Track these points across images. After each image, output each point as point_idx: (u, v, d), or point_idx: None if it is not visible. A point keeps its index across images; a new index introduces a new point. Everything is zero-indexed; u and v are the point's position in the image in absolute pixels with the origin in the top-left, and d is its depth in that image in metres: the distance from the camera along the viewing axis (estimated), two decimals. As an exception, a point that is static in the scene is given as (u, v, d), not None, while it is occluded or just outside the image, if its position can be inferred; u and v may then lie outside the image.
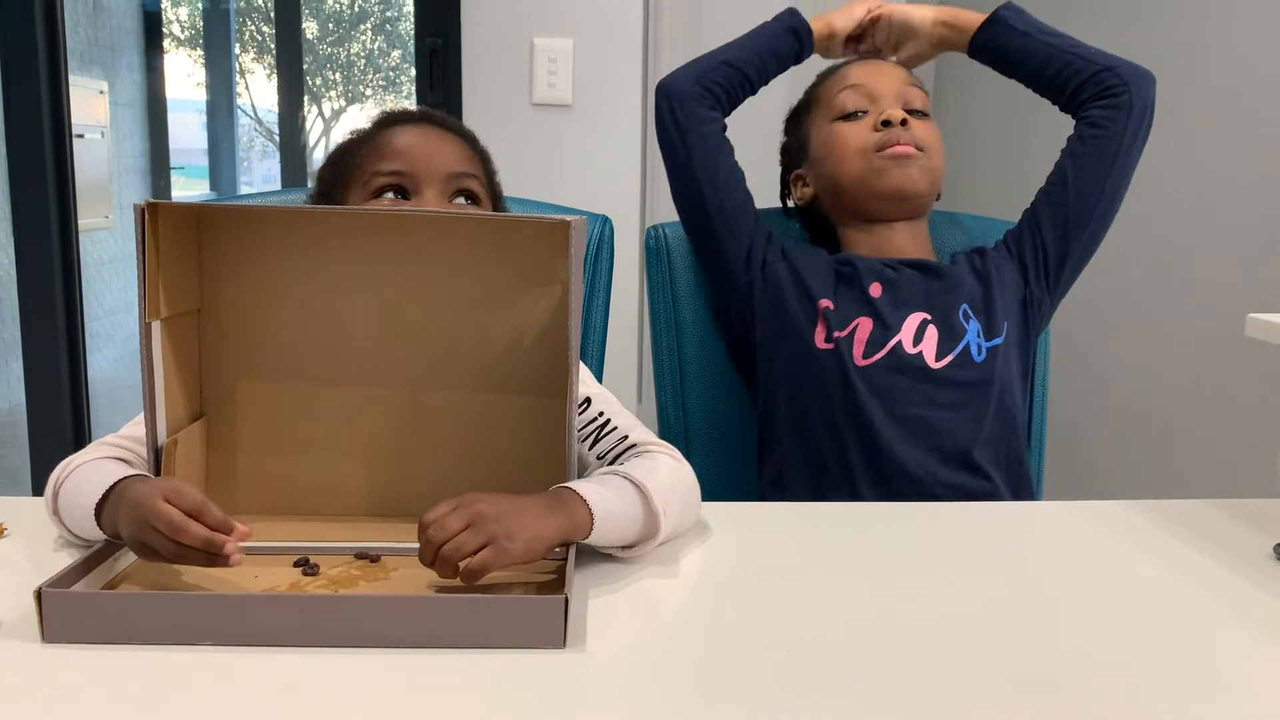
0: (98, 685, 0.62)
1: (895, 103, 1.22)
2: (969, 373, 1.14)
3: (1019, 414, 1.18)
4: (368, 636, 0.66)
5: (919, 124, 1.22)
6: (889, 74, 1.25)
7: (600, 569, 0.81)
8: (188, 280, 0.86)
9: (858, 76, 1.25)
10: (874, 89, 1.23)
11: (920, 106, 1.23)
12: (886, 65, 1.27)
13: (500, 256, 0.89)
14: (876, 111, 1.22)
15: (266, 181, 7.32)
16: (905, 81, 1.25)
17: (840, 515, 1.01)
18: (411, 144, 0.98)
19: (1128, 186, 1.22)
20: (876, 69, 1.26)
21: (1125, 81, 1.20)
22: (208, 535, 0.69)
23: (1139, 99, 1.20)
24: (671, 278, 1.33)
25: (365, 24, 7.54)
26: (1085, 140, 1.21)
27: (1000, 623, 0.74)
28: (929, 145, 1.22)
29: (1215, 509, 0.99)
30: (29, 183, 2.25)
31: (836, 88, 1.26)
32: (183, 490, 0.71)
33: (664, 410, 1.33)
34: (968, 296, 1.17)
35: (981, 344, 1.16)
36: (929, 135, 1.22)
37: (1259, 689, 0.65)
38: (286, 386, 0.89)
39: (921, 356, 1.14)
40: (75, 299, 2.34)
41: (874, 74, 1.25)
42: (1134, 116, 1.20)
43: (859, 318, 1.16)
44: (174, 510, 0.69)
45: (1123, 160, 1.20)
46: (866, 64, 1.27)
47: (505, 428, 0.89)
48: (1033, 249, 1.22)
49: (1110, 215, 1.23)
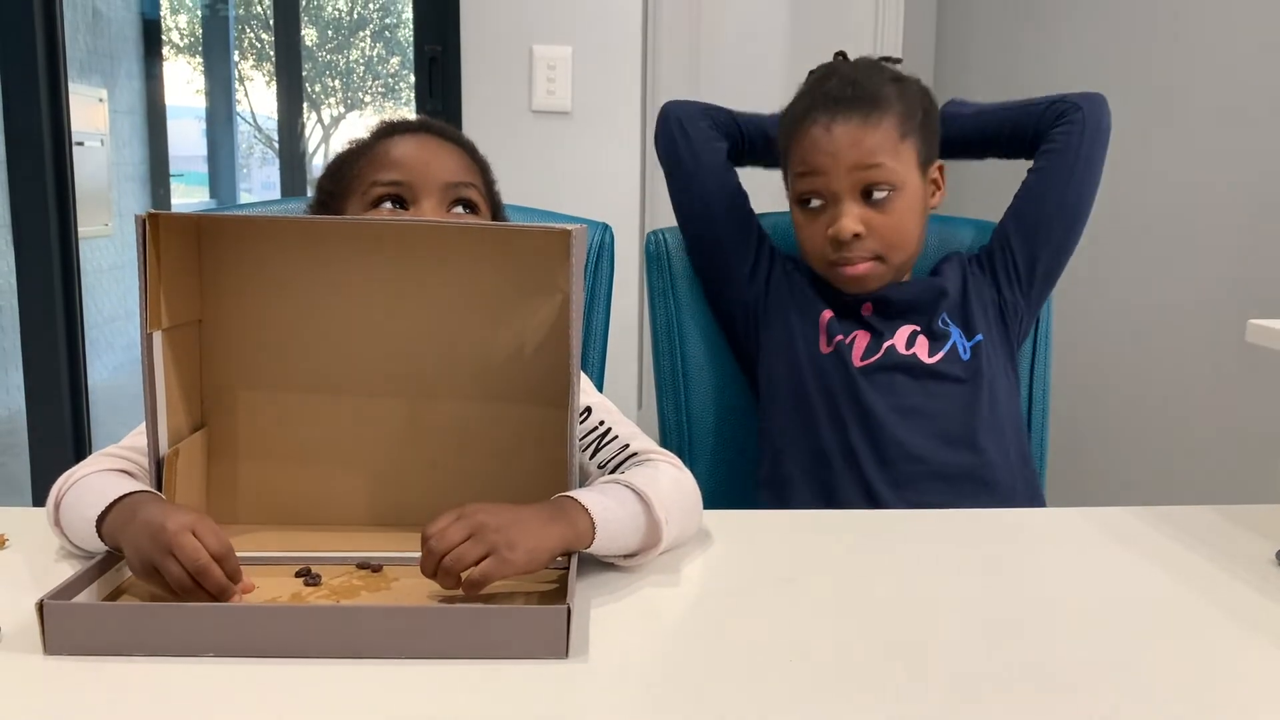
0: (100, 697, 0.62)
1: (851, 196, 1.15)
2: (959, 368, 1.18)
3: (1014, 405, 1.22)
4: (370, 647, 0.66)
5: (877, 218, 1.15)
6: (843, 156, 1.15)
7: (602, 578, 0.81)
8: (189, 290, 0.86)
9: (811, 161, 1.16)
10: (828, 180, 1.15)
11: (882, 181, 1.15)
12: (844, 137, 1.15)
13: (501, 266, 0.89)
14: (830, 210, 1.16)
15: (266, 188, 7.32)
16: (863, 162, 1.15)
17: (843, 522, 1.01)
18: (410, 154, 0.98)
19: (1091, 200, 1.25)
20: (829, 144, 1.15)
21: (1075, 103, 1.24)
22: (224, 583, 0.70)
23: (1090, 115, 1.23)
24: (672, 283, 1.33)
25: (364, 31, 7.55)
26: (1045, 156, 1.25)
27: (1004, 629, 0.74)
28: (888, 244, 1.17)
29: (1217, 515, 0.99)
30: (29, 190, 2.25)
31: (796, 162, 1.19)
32: (212, 530, 0.71)
33: (665, 417, 1.33)
34: (948, 307, 1.22)
35: (965, 344, 1.20)
36: (888, 229, 1.16)
37: (1262, 695, 0.65)
38: (287, 396, 0.89)
39: (915, 356, 1.18)
40: (75, 307, 2.33)
41: (826, 156, 1.15)
42: (1088, 131, 1.23)
43: (856, 330, 1.20)
44: (201, 550, 0.70)
45: (1080, 174, 1.23)
46: (821, 143, 1.15)
47: (506, 437, 0.89)
48: (1003, 262, 1.25)
49: (1075, 228, 1.25)
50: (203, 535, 0.70)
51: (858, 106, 1.16)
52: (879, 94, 1.17)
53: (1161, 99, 1.85)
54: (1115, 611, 0.77)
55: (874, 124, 1.15)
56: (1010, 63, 2.34)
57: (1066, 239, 1.25)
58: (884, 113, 1.16)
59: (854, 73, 1.20)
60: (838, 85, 1.18)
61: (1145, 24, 1.92)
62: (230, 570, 0.71)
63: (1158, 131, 1.86)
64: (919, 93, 1.22)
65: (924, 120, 1.20)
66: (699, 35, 2.52)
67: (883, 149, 1.15)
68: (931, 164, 1.23)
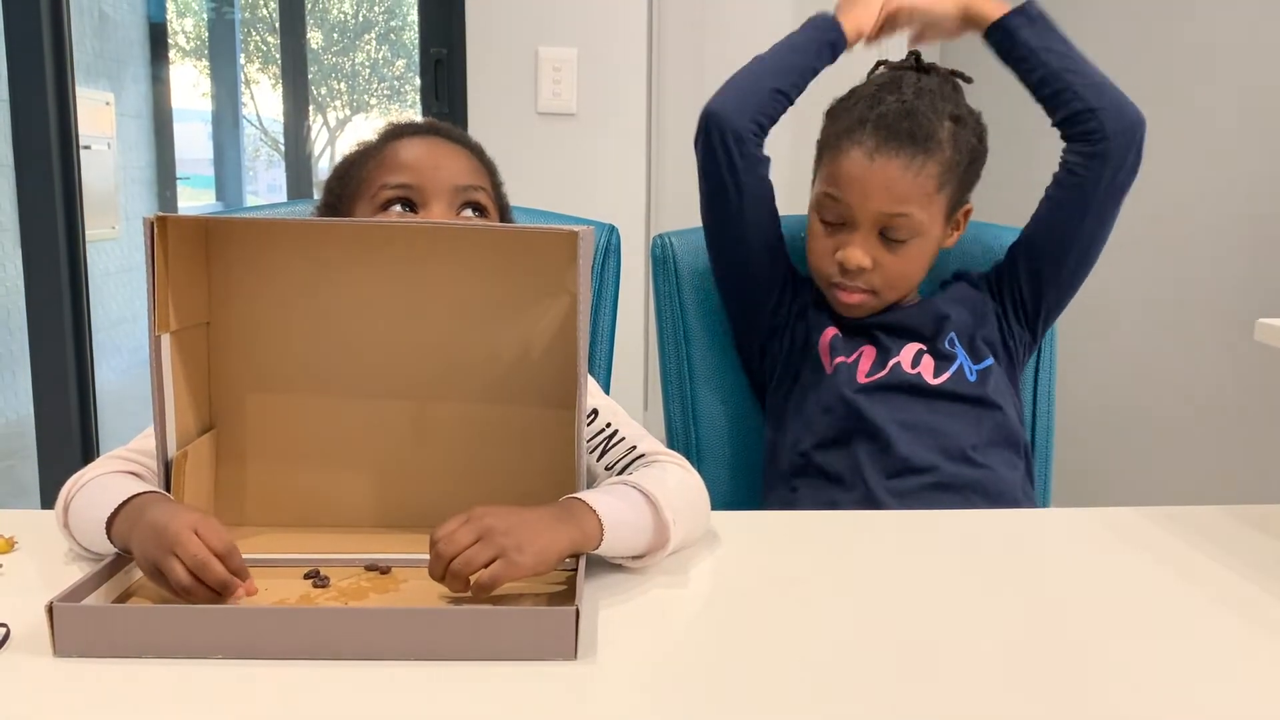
0: (109, 699, 0.62)
1: (869, 229, 1.13)
2: (965, 388, 1.17)
3: (1018, 425, 1.20)
4: (378, 649, 0.66)
5: (887, 258, 1.14)
6: (873, 195, 1.12)
7: (610, 580, 0.81)
8: (197, 293, 0.86)
9: (842, 186, 1.13)
10: (852, 210, 1.13)
11: (904, 229, 1.13)
12: (880, 175, 1.11)
13: (508, 268, 0.89)
14: (848, 234, 1.14)
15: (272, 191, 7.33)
16: (891, 209, 1.12)
17: (851, 523, 1.00)
18: (418, 157, 0.98)
19: (1108, 232, 1.19)
20: (865, 178, 1.12)
21: (1105, 131, 1.14)
22: (226, 578, 0.70)
23: (1117, 150, 1.14)
24: (678, 285, 1.33)
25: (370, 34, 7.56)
26: (1062, 185, 1.17)
27: (1012, 630, 0.74)
28: (889, 283, 1.16)
29: (1225, 515, 0.99)
30: (37, 194, 2.26)
31: (826, 176, 1.16)
32: (215, 529, 0.72)
33: (671, 419, 1.33)
34: (955, 327, 1.20)
35: (972, 366, 1.18)
36: (894, 270, 1.15)
37: (1272, 696, 0.65)
38: (295, 398, 0.89)
39: (920, 376, 1.17)
40: (83, 310, 2.34)
41: (858, 190, 1.12)
42: (1110, 167, 1.14)
43: (862, 346, 1.19)
44: (202, 546, 0.70)
45: (1098, 208, 1.16)
46: (856, 172, 1.12)
47: (514, 439, 0.89)
48: (1011, 296, 1.22)
49: (1089, 260, 1.20)
50: (205, 534, 0.71)
51: (906, 145, 1.11)
52: (932, 134, 1.12)
53: (1167, 97, 1.85)
54: (1122, 611, 0.77)
55: (915, 170, 1.11)
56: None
57: (1075, 276, 1.20)
58: (929, 158, 1.12)
59: (916, 100, 1.14)
60: (895, 111, 1.13)
61: (1151, 19, 1.92)
62: (234, 568, 0.71)
63: (1163, 130, 1.86)
64: (973, 133, 1.17)
65: (969, 167, 1.17)
66: (704, 36, 2.52)
67: (914, 199, 1.12)
68: (960, 208, 1.19)
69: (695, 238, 1.33)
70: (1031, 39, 1.18)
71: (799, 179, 1.27)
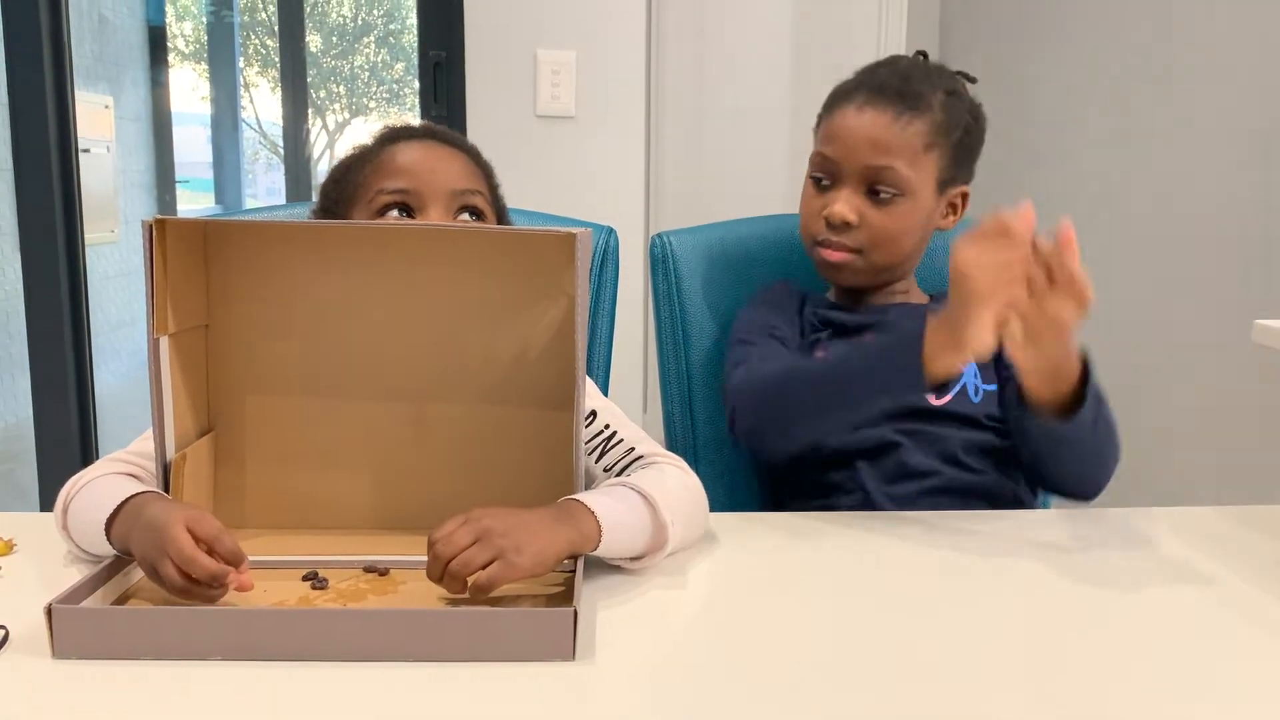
0: (108, 701, 0.62)
1: (855, 184, 1.12)
2: (968, 408, 1.14)
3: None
4: (377, 650, 0.66)
5: (873, 213, 1.12)
6: (860, 145, 1.11)
7: (608, 581, 0.81)
8: (195, 295, 0.86)
9: (831, 141, 1.13)
10: (838, 163, 1.13)
11: (889, 183, 1.11)
12: (868, 126, 1.11)
13: (506, 270, 0.89)
14: (834, 192, 1.13)
15: (271, 194, 7.34)
16: (876, 160, 1.11)
17: (850, 524, 1.00)
18: (415, 161, 0.98)
19: None
20: (853, 130, 1.12)
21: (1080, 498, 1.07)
22: (214, 569, 0.70)
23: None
24: (677, 286, 1.32)
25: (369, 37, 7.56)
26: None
27: (1013, 632, 0.74)
28: (874, 241, 1.13)
29: (1226, 516, 0.99)
30: (36, 197, 2.26)
31: (820, 137, 1.16)
32: (202, 518, 0.71)
33: (670, 420, 1.33)
34: None
35: (979, 385, 1.16)
36: (879, 228, 1.12)
37: (1274, 699, 0.65)
38: (294, 401, 0.90)
39: (922, 397, 1.13)
40: (82, 313, 2.34)
41: (844, 142, 1.12)
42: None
43: None
44: (188, 540, 0.70)
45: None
46: (844, 125, 1.13)
47: (512, 441, 0.90)
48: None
49: None
50: (194, 525, 0.70)
51: (895, 101, 1.12)
52: (923, 96, 1.13)
53: (1166, 98, 1.85)
54: (1122, 613, 0.77)
55: (903, 124, 1.11)
56: (1015, 64, 2.34)
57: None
58: (918, 115, 1.12)
59: (911, 69, 1.16)
60: (887, 74, 1.14)
61: (1150, 22, 1.92)
62: (224, 552, 0.70)
63: (1163, 131, 1.86)
64: (969, 112, 1.17)
65: (961, 139, 1.15)
66: (703, 39, 2.52)
67: (901, 152, 1.12)
68: (954, 186, 1.18)
69: (694, 238, 1.33)
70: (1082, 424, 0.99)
71: (799, 179, 1.27)
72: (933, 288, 1.26)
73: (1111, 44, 2.01)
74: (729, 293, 1.32)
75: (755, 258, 1.33)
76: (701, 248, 1.31)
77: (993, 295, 0.83)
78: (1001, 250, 0.83)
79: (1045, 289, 0.82)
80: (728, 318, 1.29)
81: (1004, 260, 0.82)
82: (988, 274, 0.83)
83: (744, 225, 1.36)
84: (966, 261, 0.84)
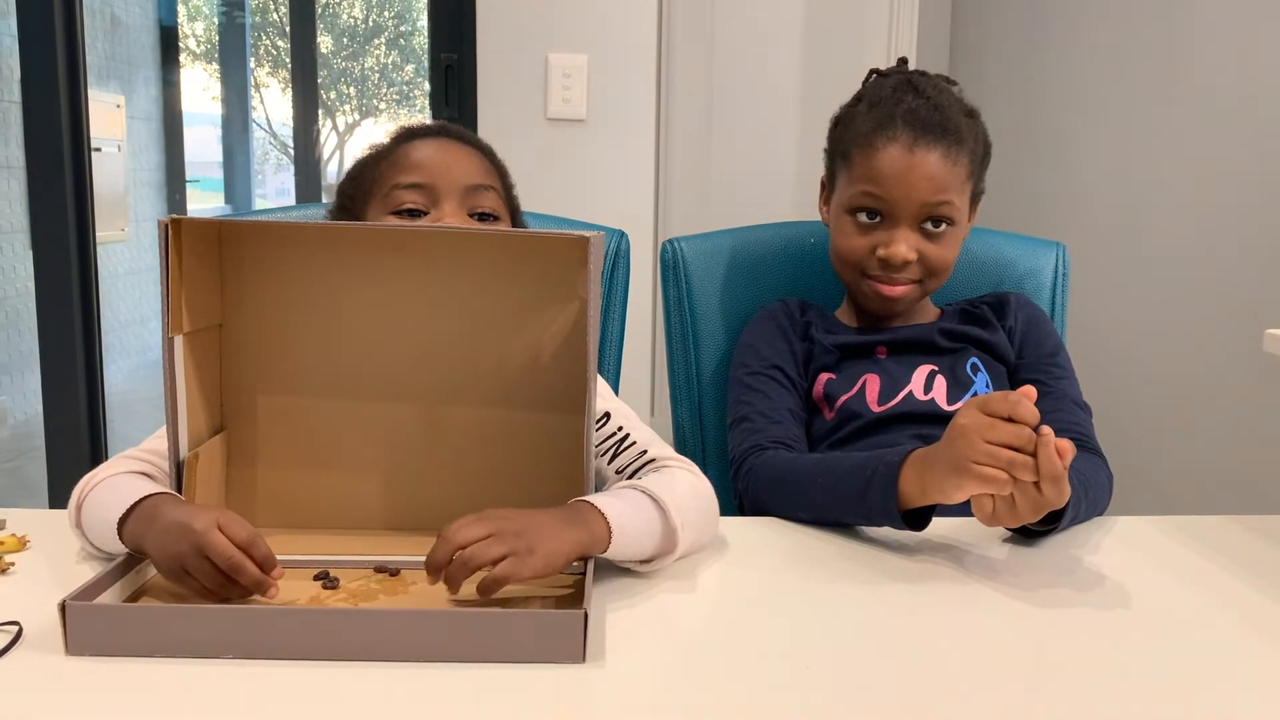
0: (120, 697, 0.62)
1: (911, 223, 1.13)
2: None
3: None
4: (387, 650, 0.66)
5: (929, 247, 1.14)
6: (919, 186, 1.12)
7: (618, 584, 0.81)
8: (209, 295, 0.87)
9: (883, 181, 1.12)
10: (894, 204, 1.13)
11: (947, 217, 1.14)
12: (924, 167, 1.11)
13: (519, 272, 0.89)
14: (888, 230, 1.13)
15: (280, 195, 7.36)
16: (936, 197, 1.12)
17: (860, 531, 1.00)
18: (430, 156, 0.99)
19: None
20: (907, 171, 1.12)
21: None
22: (259, 579, 0.71)
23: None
24: (688, 291, 1.33)
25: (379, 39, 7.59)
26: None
27: (1020, 638, 0.74)
28: (931, 272, 1.15)
29: (1234, 525, 0.98)
30: (48, 196, 2.27)
31: (861, 175, 1.14)
32: (235, 521, 0.72)
33: (680, 424, 1.33)
34: (976, 353, 1.18)
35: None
36: (935, 259, 1.14)
37: (1278, 704, 0.65)
38: (306, 401, 0.90)
39: (934, 402, 1.14)
40: (93, 312, 2.35)
41: (900, 183, 1.12)
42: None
43: (865, 375, 1.17)
44: (230, 546, 0.70)
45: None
46: (897, 167, 1.12)
47: (523, 443, 0.90)
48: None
49: None
50: (227, 527, 0.71)
51: (942, 138, 1.13)
52: (960, 127, 1.14)
53: (1177, 102, 1.85)
54: (1129, 620, 0.77)
55: (953, 159, 1.13)
56: (1026, 67, 2.34)
57: None
58: (961, 148, 1.14)
59: (937, 97, 1.16)
60: (925, 109, 1.14)
61: (1162, 25, 1.91)
62: (260, 557, 0.72)
63: (1173, 136, 1.86)
64: (981, 127, 1.19)
65: (983, 158, 1.19)
66: (713, 42, 2.53)
67: (953, 187, 1.13)
68: (979, 196, 1.21)
69: (704, 243, 1.33)
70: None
71: (809, 184, 1.28)
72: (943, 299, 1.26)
73: (1124, 43, 2.01)
74: (739, 299, 1.32)
75: (766, 265, 1.33)
76: (712, 254, 1.31)
77: (980, 471, 0.83)
78: (1003, 431, 0.83)
79: (1031, 471, 0.82)
80: (738, 324, 1.30)
81: (1003, 439, 0.82)
82: (981, 452, 0.83)
83: (755, 231, 1.36)
84: (967, 427, 0.84)
